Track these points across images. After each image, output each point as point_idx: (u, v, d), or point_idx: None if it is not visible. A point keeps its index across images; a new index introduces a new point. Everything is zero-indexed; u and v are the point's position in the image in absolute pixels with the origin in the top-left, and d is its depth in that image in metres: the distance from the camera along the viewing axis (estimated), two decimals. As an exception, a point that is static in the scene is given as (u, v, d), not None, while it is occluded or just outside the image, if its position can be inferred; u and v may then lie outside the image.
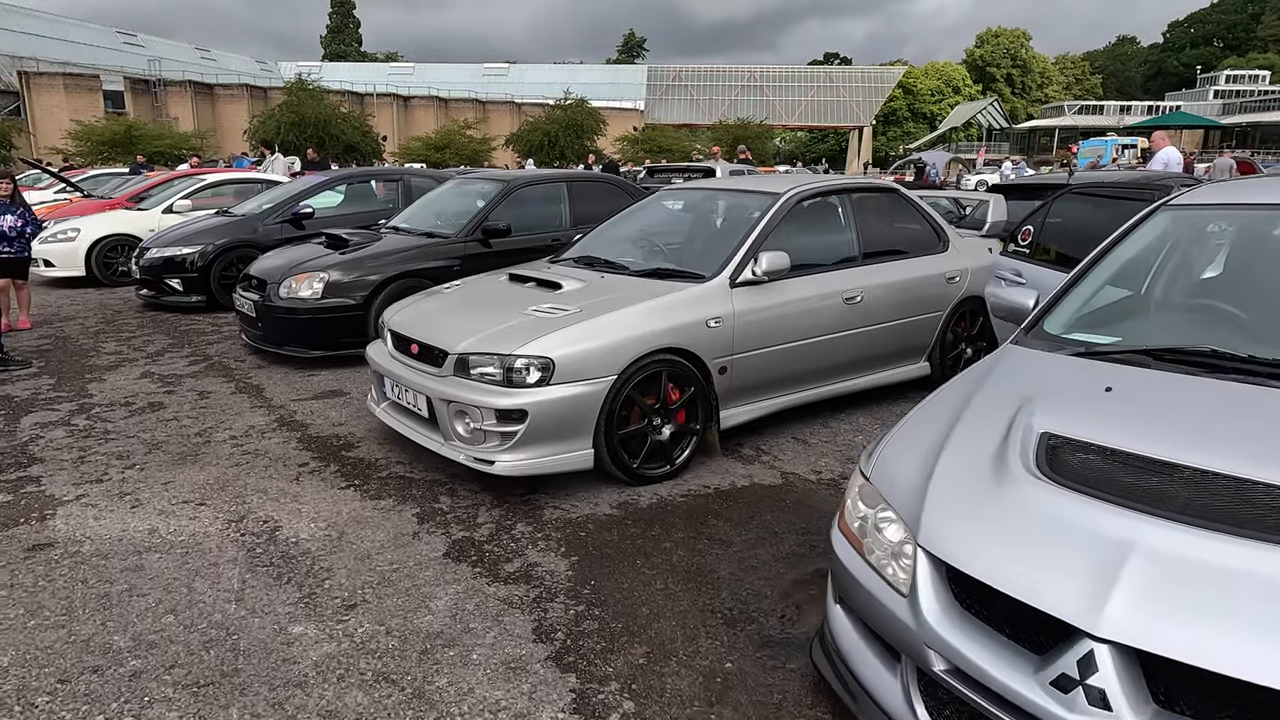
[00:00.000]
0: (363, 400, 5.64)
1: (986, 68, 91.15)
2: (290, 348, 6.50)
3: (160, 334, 7.87)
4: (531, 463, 3.81)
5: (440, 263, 6.81)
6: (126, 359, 6.85)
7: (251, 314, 6.66)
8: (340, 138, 39.78)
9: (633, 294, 4.25)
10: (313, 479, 4.28)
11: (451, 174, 11.19)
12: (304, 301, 6.38)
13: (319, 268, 6.48)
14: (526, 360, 3.77)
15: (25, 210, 7.75)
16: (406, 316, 4.55)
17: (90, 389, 5.95)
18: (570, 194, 7.77)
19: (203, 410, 5.45)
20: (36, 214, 8.07)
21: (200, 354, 7.03)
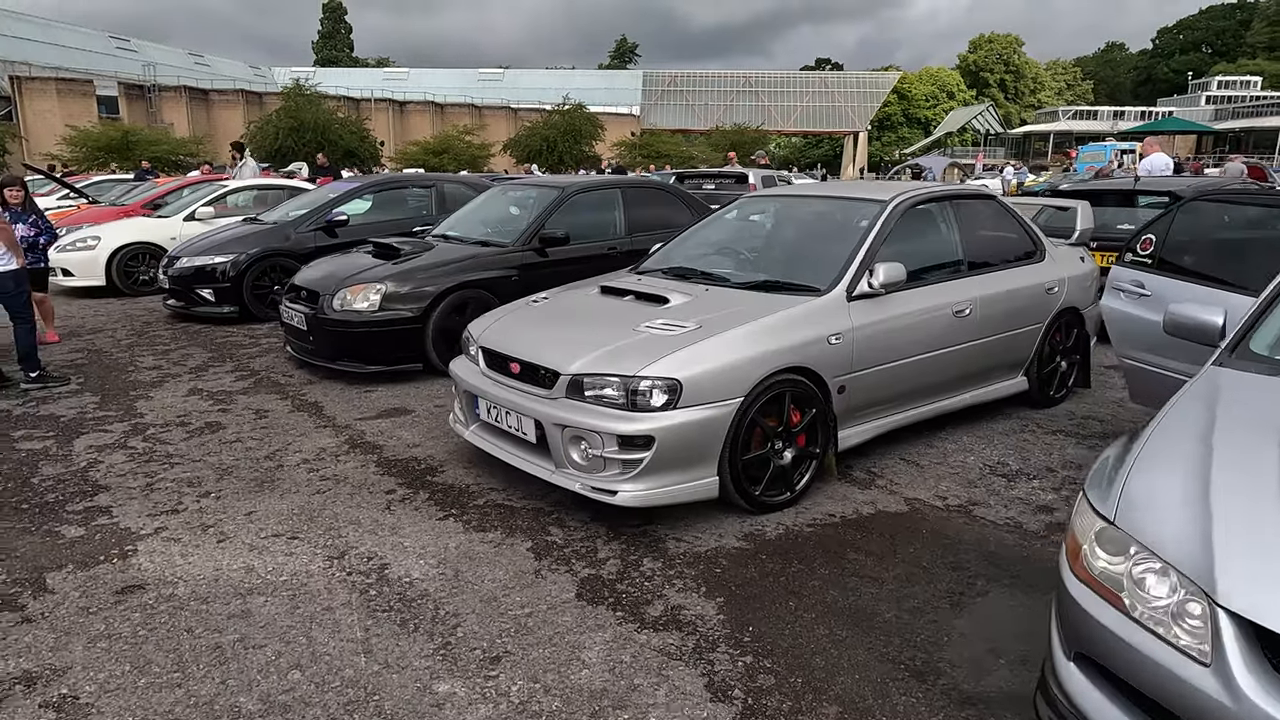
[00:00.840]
0: (432, 419, 5.35)
1: (980, 73, 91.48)
2: (344, 363, 6.20)
3: (197, 347, 7.54)
4: (656, 493, 3.53)
5: (497, 272, 6.52)
6: (169, 374, 6.53)
7: (301, 327, 6.36)
8: (339, 143, 39.44)
9: (749, 309, 3.97)
10: (405, 508, 3.98)
11: (482, 180, 10.91)
12: (359, 314, 6.07)
13: (374, 279, 6.18)
14: (652, 382, 3.49)
15: (39, 219, 7.40)
16: (499, 333, 4.26)
17: (139, 407, 5.63)
18: (624, 201, 7.50)
19: (265, 431, 5.14)
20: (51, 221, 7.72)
21: (245, 369, 6.72)
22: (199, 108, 49.82)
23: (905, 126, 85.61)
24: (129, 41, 54.88)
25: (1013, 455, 4.67)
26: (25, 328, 6.13)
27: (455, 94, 64.82)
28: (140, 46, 55.23)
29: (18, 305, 6.11)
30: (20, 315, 6.15)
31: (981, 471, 4.43)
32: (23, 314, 6.15)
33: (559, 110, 45.51)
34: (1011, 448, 4.79)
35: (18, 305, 6.11)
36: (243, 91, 52.08)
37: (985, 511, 3.94)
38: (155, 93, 47.60)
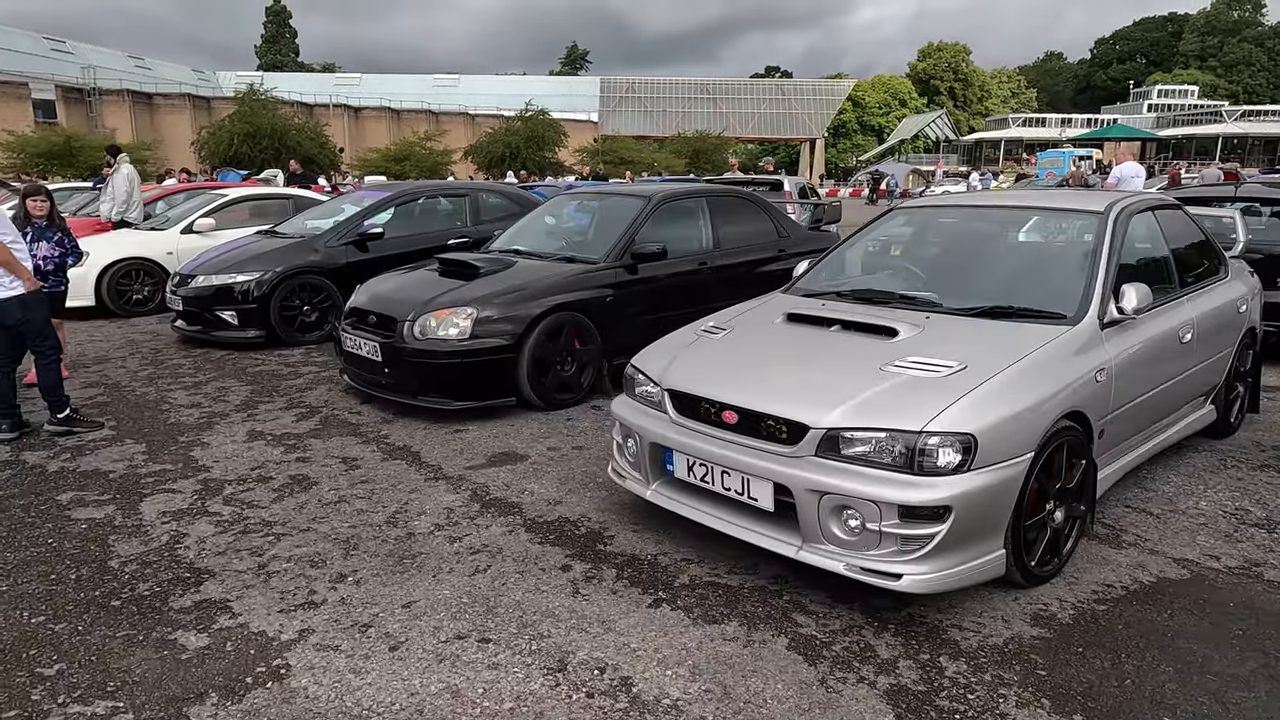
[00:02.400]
0: (555, 465, 4.61)
1: (930, 81, 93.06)
2: (429, 398, 5.40)
3: (229, 378, 6.65)
4: (947, 575, 2.87)
5: (591, 293, 5.81)
6: (214, 414, 5.66)
7: (373, 358, 5.54)
8: (296, 150, 38.07)
9: (1001, 342, 3.35)
10: (597, 590, 3.25)
11: (516, 188, 10.14)
12: (446, 342, 5.29)
13: (461, 302, 5.41)
14: (941, 438, 2.83)
15: (65, 236, 6.44)
16: (692, 373, 3.56)
17: (198, 458, 4.77)
18: (710, 211, 6.83)
19: (367, 486, 4.34)
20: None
21: (300, 405, 5.87)
22: (143, 112, 47.72)
23: (860, 134, 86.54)
24: (65, 43, 52.31)
25: (1244, 498, 4.13)
26: (46, 360, 5.24)
27: (410, 100, 63.35)
28: (77, 48, 52.68)
29: (32, 334, 5.20)
30: (39, 346, 5.25)
31: (1229, 520, 3.87)
32: (41, 344, 5.25)
33: (521, 116, 44.66)
34: (1234, 488, 4.25)
35: (32, 334, 5.20)
36: (189, 96, 50.10)
37: (1275, 574, 3.37)
38: (96, 97, 45.44)
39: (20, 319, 5.09)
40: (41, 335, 5.22)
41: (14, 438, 5.10)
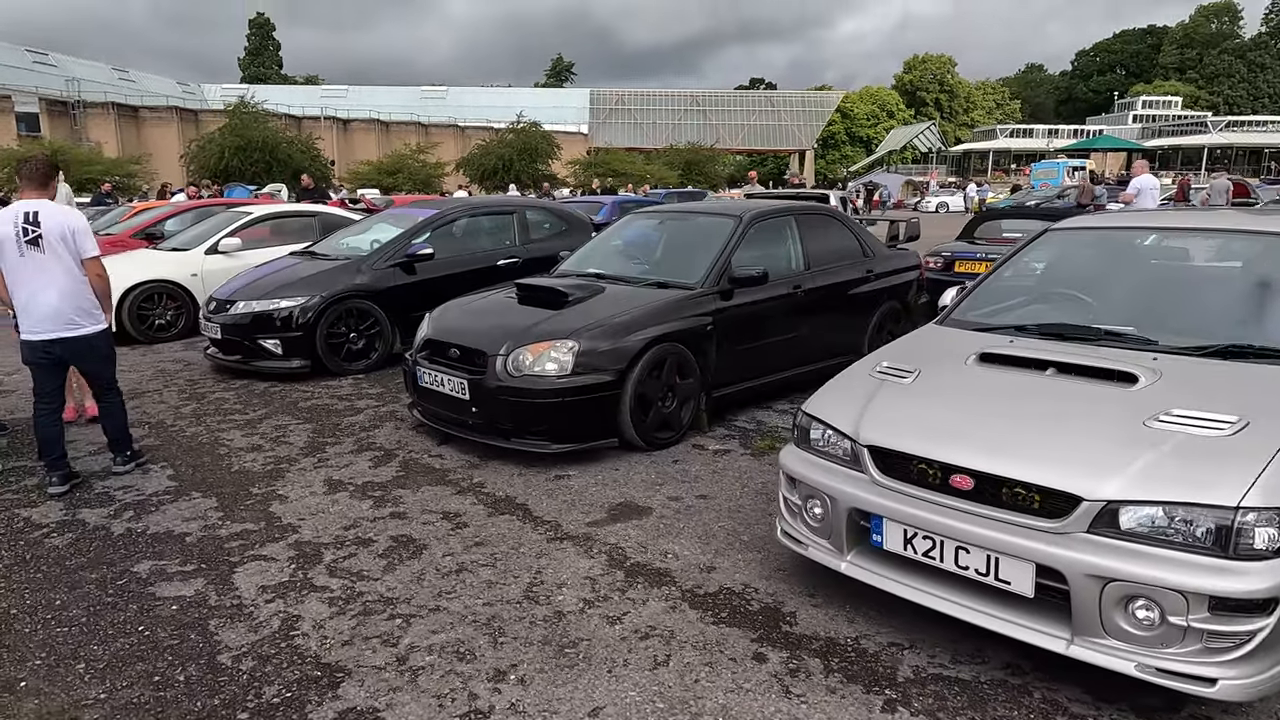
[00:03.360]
0: (684, 519, 4.12)
1: (916, 92, 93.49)
2: (526, 440, 4.89)
3: (281, 414, 6.10)
4: (1273, 679, 2.40)
5: (690, 322, 5.32)
6: (280, 458, 5.11)
7: (458, 395, 5.02)
8: (287, 162, 37.49)
9: (1258, 388, 2.89)
10: (813, 689, 2.75)
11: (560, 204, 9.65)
12: (544, 379, 4.79)
13: (560, 334, 4.91)
14: (1259, 514, 2.37)
15: None
16: (894, 425, 3.07)
17: (279, 514, 4.23)
18: (800, 229, 6.38)
19: (482, 549, 3.82)
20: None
21: (372, 446, 5.34)
22: (128, 125, 46.87)
23: (848, 145, 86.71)
24: (47, 55, 51.30)
25: None
26: (118, 401, 4.81)
27: (398, 112, 62.77)
28: (60, 61, 51.68)
29: (109, 373, 4.75)
30: (113, 385, 4.80)
31: None
32: (115, 383, 4.80)
33: (513, 128, 44.25)
34: None
35: (109, 373, 4.75)
36: (176, 109, 49.29)
37: None
38: (80, 109, 44.52)
39: (106, 355, 4.74)
40: (113, 371, 4.82)
41: (65, 491, 4.54)
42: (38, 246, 4.34)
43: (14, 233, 4.32)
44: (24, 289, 4.37)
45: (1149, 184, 12.91)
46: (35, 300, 4.36)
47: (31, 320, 4.39)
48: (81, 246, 4.44)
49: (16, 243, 4.32)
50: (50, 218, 4.38)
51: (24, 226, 4.32)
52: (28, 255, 4.34)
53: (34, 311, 4.38)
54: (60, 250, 4.38)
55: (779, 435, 5.47)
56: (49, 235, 4.35)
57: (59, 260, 4.37)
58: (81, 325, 4.47)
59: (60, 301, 4.38)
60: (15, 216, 4.33)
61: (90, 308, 4.52)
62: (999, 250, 9.03)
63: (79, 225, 4.45)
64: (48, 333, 4.40)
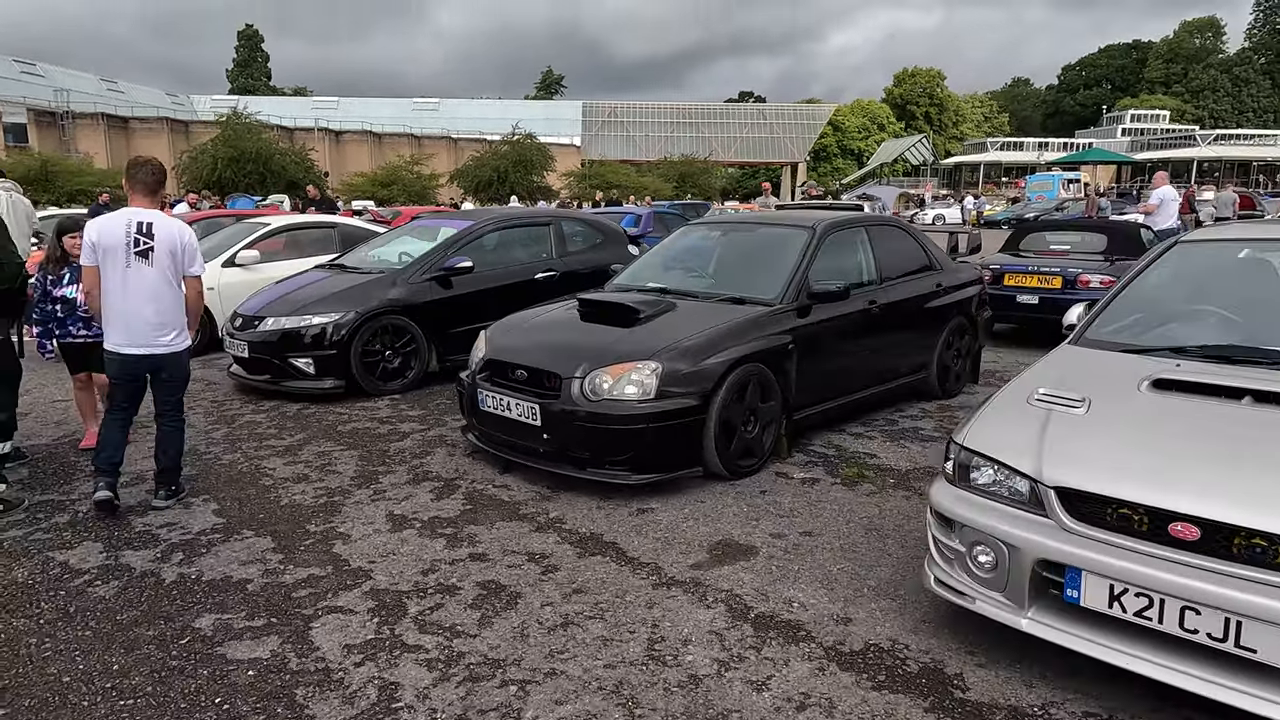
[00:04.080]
0: (796, 560, 3.74)
1: (907, 105, 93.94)
2: (604, 470, 4.49)
3: (321, 439, 5.68)
4: None
5: (772, 340, 4.96)
6: (331, 490, 4.69)
7: (528, 421, 4.62)
8: (281, 174, 37.09)
9: None
10: (1016, 773, 2.37)
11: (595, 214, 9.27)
12: (624, 404, 4.40)
13: (641, 354, 4.52)
14: None
15: None
16: (1091, 464, 2.70)
17: (345, 556, 3.81)
18: (872, 241, 6.03)
19: (583, 597, 3.42)
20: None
21: (427, 475, 4.93)
22: (118, 136, 46.24)
23: (840, 157, 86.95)
24: (35, 66, 50.60)
25: None
26: (181, 425, 4.57)
27: (390, 124, 62.36)
28: (48, 71, 50.98)
29: (181, 394, 4.51)
30: (180, 406, 4.53)
31: None
32: (182, 405, 4.58)
33: (508, 140, 43.98)
34: None
35: (181, 394, 4.51)
36: (167, 120, 48.74)
37: None
38: (69, 120, 43.87)
39: (185, 377, 4.53)
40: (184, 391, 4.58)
41: (108, 498, 4.24)
42: (146, 259, 4.14)
43: (125, 242, 4.10)
44: (123, 301, 4.16)
45: (1170, 195, 12.96)
46: (132, 314, 4.16)
47: (124, 334, 4.20)
48: (188, 263, 4.27)
49: (126, 253, 4.11)
50: (163, 230, 4.18)
51: (136, 237, 4.10)
52: (134, 267, 4.13)
53: (129, 325, 4.18)
54: (167, 265, 4.20)
55: (864, 462, 5.10)
56: (159, 249, 4.15)
57: (163, 275, 4.19)
58: (171, 343, 4.29)
59: (157, 317, 4.20)
60: (127, 224, 4.11)
61: (181, 325, 4.35)
62: (1050, 262, 8.74)
63: (189, 241, 4.26)
64: (139, 348, 4.20)
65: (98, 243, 4.13)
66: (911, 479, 4.81)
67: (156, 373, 4.34)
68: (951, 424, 5.94)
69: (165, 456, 4.46)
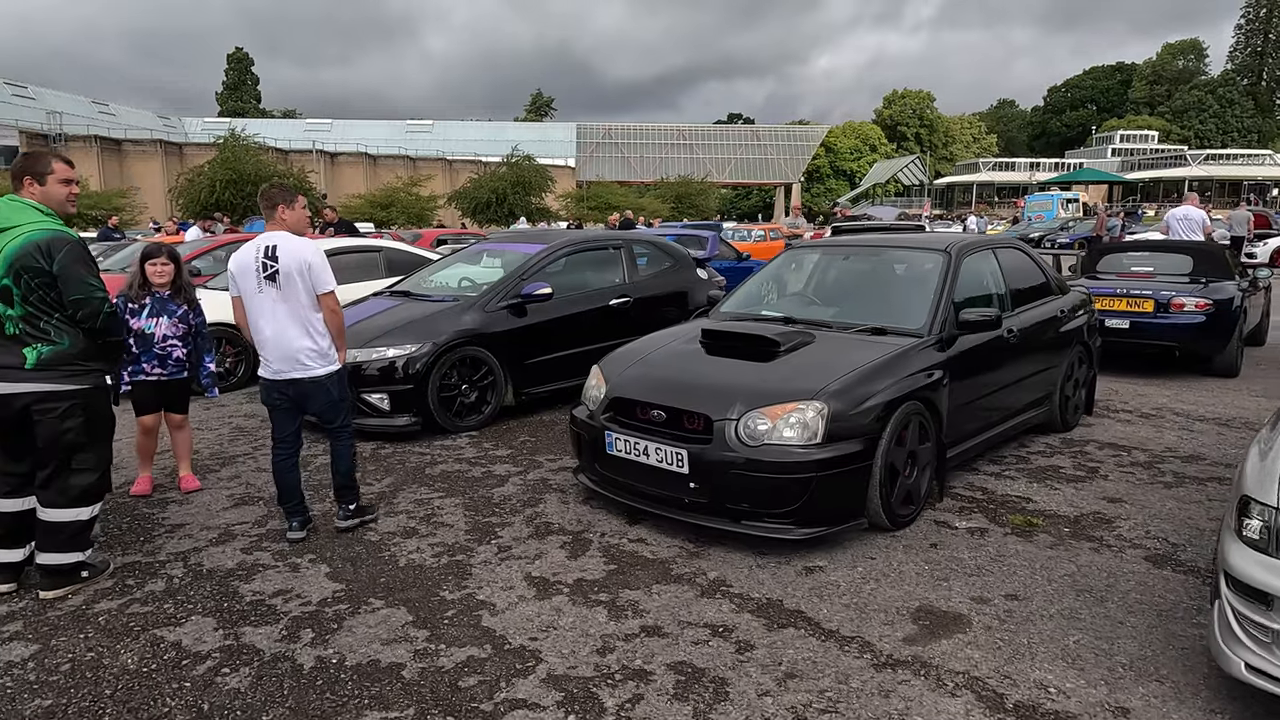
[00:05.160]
0: (1013, 630, 3.27)
1: (897, 126, 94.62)
2: (762, 524, 4.01)
3: (411, 483, 5.18)
4: None
5: (926, 375, 4.50)
6: (446, 545, 4.19)
7: (673, 468, 4.14)
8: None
9: None
10: None
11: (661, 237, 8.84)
12: (789, 449, 3.93)
13: (804, 394, 4.05)
14: None
15: (191, 310, 5.04)
16: None
17: (499, 632, 3.31)
18: (1001, 264, 5.62)
19: (801, 684, 2.93)
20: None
21: (550, 527, 4.43)
22: (111, 159, 45.65)
23: (832, 178, 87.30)
24: (26, 88, 49.97)
25: None
26: (349, 445, 4.42)
27: (384, 146, 62.01)
28: (39, 94, 50.36)
29: (340, 416, 4.35)
30: (345, 427, 4.39)
31: None
32: (347, 425, 4.40)
33: (507, 162, 43.73)
34: None
35: (340, 416, 4.35)
36: (160, 142, 48.14)
37: None
38: (62, 143, 43.22)
39: (338, 398, 4.34)
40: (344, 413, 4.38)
41: (303, 537, 4.25)
42: (274, 283, 4.07)
43: (255, 266, 4.09)
44: (260, 326, 4.16)
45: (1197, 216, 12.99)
46: (269, 338, 4.14)
47: (267, 359, 4.20)
48: (316, 281, 4.11)
49: (257, 276, 4.09)
50: (286, 253, 4.07)
51: (263, 261, 4.07)
52: (265, 290, 4.09)
53: (269, 350, 4.17)
54: (295, 286, 4.08)
55: (1023, 508, 4.65)
56: (284, 270, 4.05)
57: (292, 297, 4.09)
58: (312, 366, 4.16)
59: (293, 340, 4.11)
60: (257, 249, 4.10)
61: (322, 347, 4.19)
62: (1138, 285, 8.38)
63: (314, 260, 4.10)
64: (281, 373, 4.17)
65: (234, 272, 4.16)
66: (1088, 528, 4.35)
67: (303, 399, 4.22)
68: (1085, 459, 5.52)
69: (337, 475, 4.39)
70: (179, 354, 4.91)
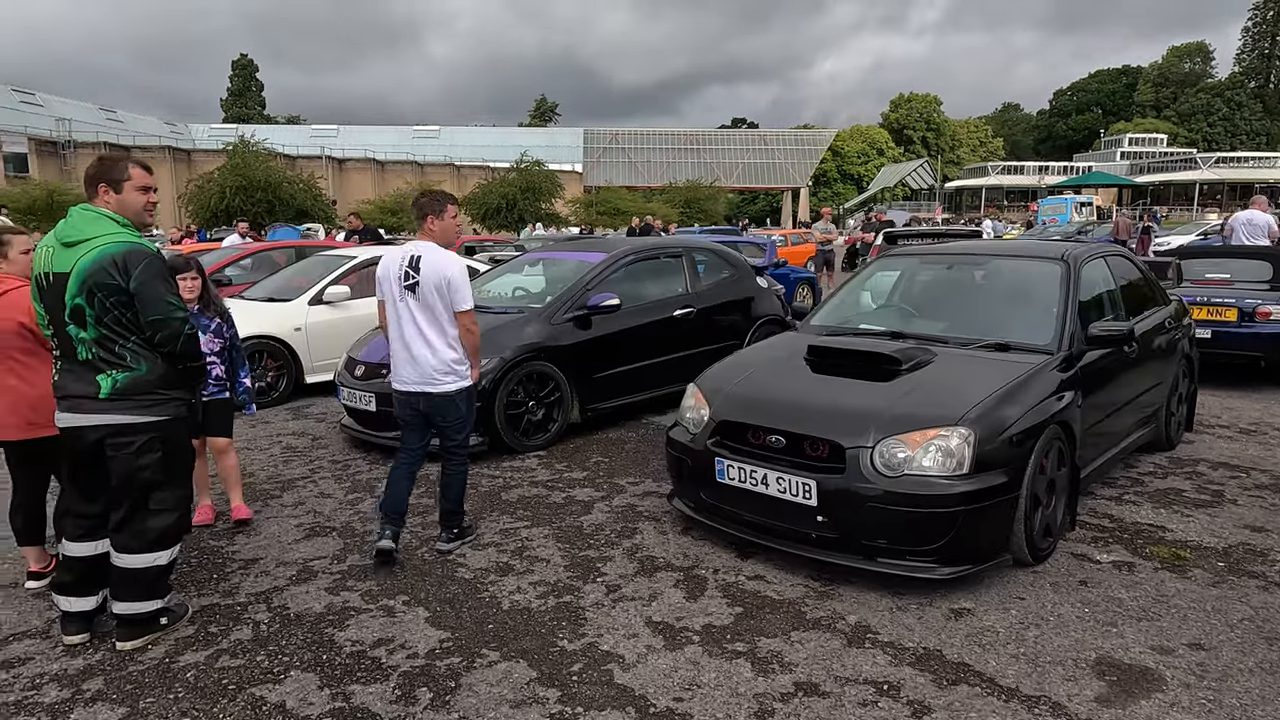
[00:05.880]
0: (1215, 690, 2.91)
1: (904, 130, 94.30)
2: (902, 563, 3.65)
3: (490, 510, 4.84)
4: None
5: (1060, 398, 4.14)
6: (550, 584, 3.83)
7: (800, 500, 3.78)
8: (290, 202, 36.27)
9: None
10: None
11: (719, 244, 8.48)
12: (932, 480, 3.58)
13: (947, 418, 3.70)
14: None
15: (224, 324, 4.69)
16: None
17: (637, 689, 2.95)
18: (1113, 273, 5.27)
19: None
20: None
21: (655, 562, 4.07)
22: (119, 166, 45.20)
23: (840, 182, 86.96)
24: (34, 95, 49.71)
25: None
26: (463, 468, 4.29)
27: (391, 151, 61.75)
28: (47, 101, 50.11)
29: (462, 436, 4.23)
30: (462, 448, 4.26)
31: None
32: (465, 447, 4.29)
33: (517, 167, 43.48)
34: None
35: (462, 436, 4.23)
36: (169, 148, 47.91)
37: None
38: (71, 149, 42.95)
39: (465, 415, 4.23)
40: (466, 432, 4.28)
41: (392, 549, 4.05)
42: (413, 294, 4.01)
43: (398, 274, 4.04)
44: (398, 336, 4.10)
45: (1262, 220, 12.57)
46: (405, 349, 4.07)
47: (400, 370, 4.12)
48: (455, 298, 4.01)
49: (398, 285, 4.04)
50: (428, 265, 3.98)
51: (405, 270, 4.01)
52: (405, 301, 4.04)
53: (402, 361, 4.09)
54: (433, 300, 3.99)
55: (1161, 539, 4.30)
56: (424, 284, 3.98)
57: (429, 311, 4.01)
58: (443, 381, 4.06)
59: (427, 354, 4.02)
60: (404, 257, 4.03)
61: (455, 364, 4.08)
62: (1220, 293, 8.02)
63: (455, 276, 3.99)
64: (413, 385, 4.09)
65: (380, 277, 4.13)
66: (1243, 562, 3.99)
67: (433, 413, 4.11)
68: (1203, 481, 5.17)
69: (446, 500, 4.27)
70: (218, 371, 4.55)
